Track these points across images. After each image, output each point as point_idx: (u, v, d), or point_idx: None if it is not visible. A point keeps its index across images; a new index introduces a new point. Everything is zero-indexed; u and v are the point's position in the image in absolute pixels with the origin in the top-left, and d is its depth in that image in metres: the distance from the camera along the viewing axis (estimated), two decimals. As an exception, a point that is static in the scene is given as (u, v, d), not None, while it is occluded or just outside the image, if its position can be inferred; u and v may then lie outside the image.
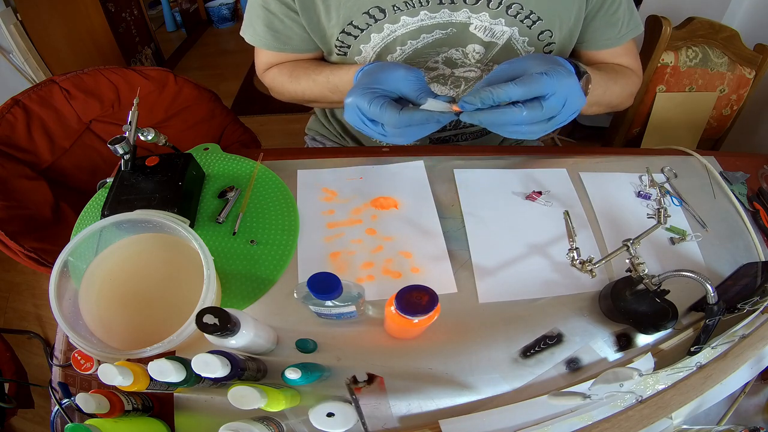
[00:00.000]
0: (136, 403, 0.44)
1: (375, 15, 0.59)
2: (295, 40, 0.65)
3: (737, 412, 0.51)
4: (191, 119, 0.96)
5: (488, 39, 0.62)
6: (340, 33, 0.61)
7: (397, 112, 0.46)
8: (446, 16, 0.59)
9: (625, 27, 0.67)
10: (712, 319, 0.47)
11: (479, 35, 0.62)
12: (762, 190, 0.69)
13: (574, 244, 0.51)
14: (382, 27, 0.60)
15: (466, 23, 0.60)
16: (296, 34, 0.64)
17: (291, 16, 0.62)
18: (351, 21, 0.59)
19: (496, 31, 0.61)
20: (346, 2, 0.58)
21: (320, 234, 0.59)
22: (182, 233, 0.48)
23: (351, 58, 0.64)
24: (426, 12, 0.59)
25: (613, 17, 0.65)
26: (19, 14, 1.44)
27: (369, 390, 0.47)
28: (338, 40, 0.62)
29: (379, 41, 0.61)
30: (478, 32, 0.61)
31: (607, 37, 0.67)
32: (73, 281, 0.48)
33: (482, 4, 0.58)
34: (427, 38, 0.62)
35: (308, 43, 0.65)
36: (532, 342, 0.52)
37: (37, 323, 1.33)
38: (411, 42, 0.62)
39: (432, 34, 0.61)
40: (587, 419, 0.46)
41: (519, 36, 0.62)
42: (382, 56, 0.63)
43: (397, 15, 0.59)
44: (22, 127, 0.76)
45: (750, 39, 1.04)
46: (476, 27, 0.61)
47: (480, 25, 0.60)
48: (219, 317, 0.37)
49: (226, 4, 2.79)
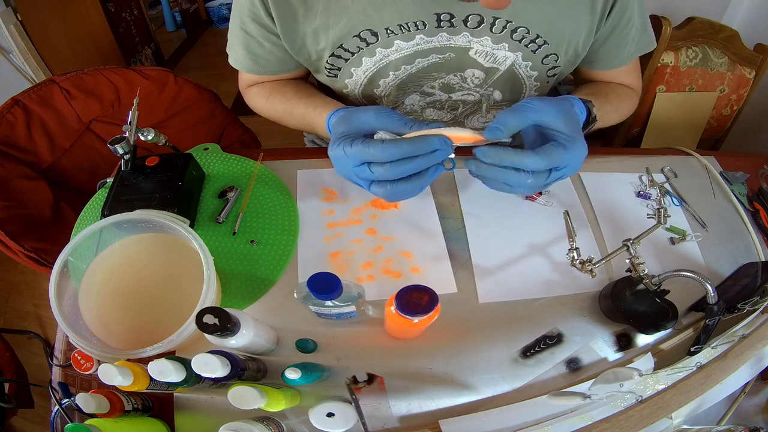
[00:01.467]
0: (136, 403, 0.44)
1: (366, 38, 0.55)
2: (274, 63, 0.63)
3: (737, 412, 0.51)
4: (191, 119, 0.96)
5: (489, 64, 0.59)
6: (329, 56, 0.58)
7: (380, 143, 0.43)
8: (444, 39, 0.56)
9: (633, 46, 0.64)
10: (712, 319, 0.47)
11: (480, 60, 0.58)
12: (762, 190, 0.69)
13: (574, 244, 0.51)
14: (374, 51, 0.56)
15: (466, 48, 0.57)
16: (276, 57, 0.61)
17: (271, 40, 0.59)
18: (341, 44, 0.56)
19: (499, 56, 0.58)
20: (335, 24, 0.54)
21: (320, 234, 0.59)
22: (182, 233, 0.48)
23: (341, 81, 0.62)
24: (422, 36, 0.55)
25: (624, 39, 0.62)
26: (19, 14, 1.44)
27: (369, 390, 0.47)
28: (328, 63, 0.59)
29: (371, 65, 0.58)
30: (479, 57, 0.58)
31: (616, 59, 0.65)
32: (73, 281, 0.48)
33: (485, 28, 0.55)
34: (422, 62, 0.58)
35: (288, 64, 0.63)
36: (532, 342, 0.52)
37: (37, 323, 1.33)
38: (405, 67, 0.59)
39: (428, 58, 0.58)
40: (587, 419, 0.46)
41: (522, 61, 0.59)
42: (375, 80, 0.61)
43: (390, 39, 0.55)
44: (22, 127, 0.76)
45: (750, 39, 1.04)
46: (477, 52, 0.57)
47: (481, 49, 0.57)
48: (219, 317, 0.37)
49: (226, 4, 2.79)
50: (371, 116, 0.46)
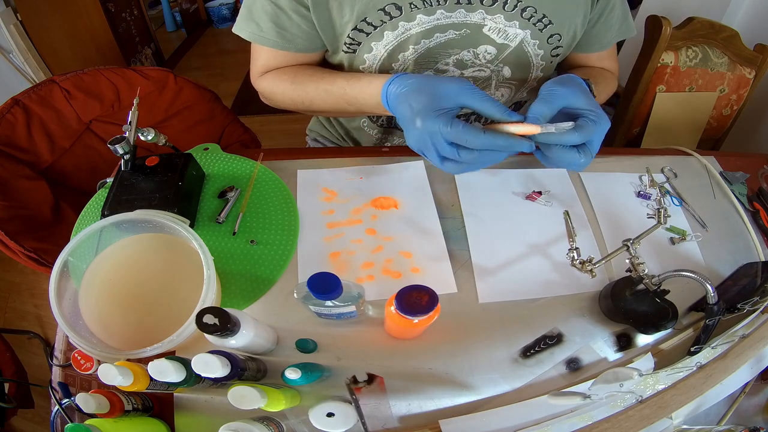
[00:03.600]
0: (136, 403, 0.44)
1: (391, 12, 0.57)
2: (300, 39, 0.62)
3: (737, 412, 0.51)
4: (191, 119, 0.96)
5: (501, 41, 0.62)
6: (352, 30, 0.59)
7: (481, 132, 0.45)
8: (462, 16, 0.59)
9: (616, 31, 0.69)
10: (712, 319, 0.47)
11: (492, 36, 0.62)
12: (762, 190, 0.69)
13: (574, 244, 0.51)
14: (396, 24, 0.59)
15: (481, 24, 0.60)
16: (303, 32, 0.61)
17: (301, 12, 0.59)
18: (365, 17, 0.58)
19: (510, 33, 0.61)
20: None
21: (320, 234, 0.59)
22: (182, 233, 0.48)
23: (359, 56, 0.63)
24: (443, 11, 0.58)
25: (609, 22, 0.66)
26: (19, 14, 1.44)
27: (369, 390, 0.47)
28: (349, 37, 0.60)
29: (392, 39, 0.60)
30: (492, 34, 0.61)
31: (601, 42, 0.69)
32: (73, 281, 0.48)
33: (498, 5, 0.58)
34: (440, 38, 0.61)
35: (314, 42, 0.63)
36: (532, 342, 0.52)
37: (37, 323, 1.33)
38: (425, 41, 0.61)
39: (446, 33, 0.61)
40: (587, 419, 0.46)
41: (530, 39, 0.62)
42: (394, 55, 0.62)
43: (413, 13, 0.58)
44: (22, 127, 0.76)
45: (750, 39, 1.04)
46: (490, 29, 0.61)
47: (494, 26, 0.60)
48: (219, 317, 0.37)
49: (226, 4, 2.79)
50: (454, 89, 0.47)
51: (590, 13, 0.63)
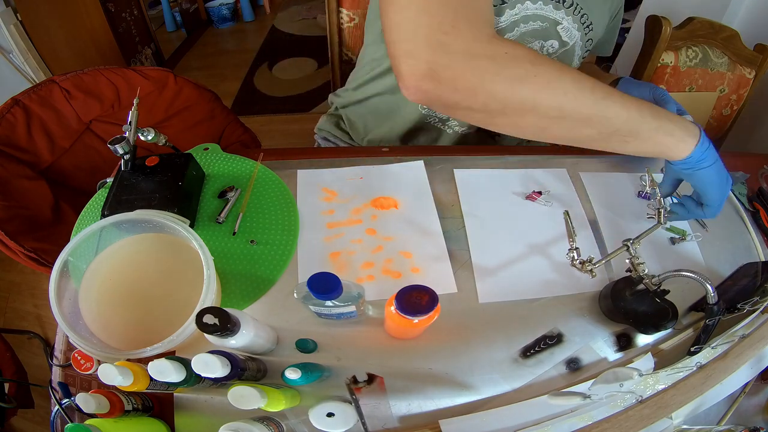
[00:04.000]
0: (136, 403, 0.44)
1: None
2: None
3: (737, 412, 0.51)
4: (191, 119, 0.96)
5: (566, 39, 0.66)
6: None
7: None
8: (550, 11, 0.63)
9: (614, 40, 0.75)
10: (712, 319, 0.47)
11: (561, 34, 0.66)
12: (762, 190, 0.69)
13: (574, 244, 0.51)
14: (514, 5, 0.62)
15: (558, 21, 0.64)
16: None
17: None
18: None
19: (573, 33, 0.66)
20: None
21: (320, 234, 0.59)
22: (182, 233, 0.48)
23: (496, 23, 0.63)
24: (541, 2, 0.62)
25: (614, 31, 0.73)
26: (19, 14, 1.44)
27: (369, 390, 0.47)
28: None
29: (508, 18, 0.62)
30: (562, 31, 0.65)
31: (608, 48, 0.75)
32: (73, 281, 0.48)
33: (569, 8, 0.63)
34: (532, 25, 0.64)
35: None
36: (532, 342, 0.52)
37: (37, 323, 1.33)
38: (522, 25, 0.64)
39: (535, 23, 0.64)
40: (587, 419, 0.46)
41: (580, 42, 0.67)
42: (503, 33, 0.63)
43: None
44: (22, 127, 0.76)
45: (750, 39, 1.04)
46: (563, 27, 0.65)
47: (567, 26, 0.65)
48: (219, 317, 0.37)
49: (226, 4, 2.79)
50: None
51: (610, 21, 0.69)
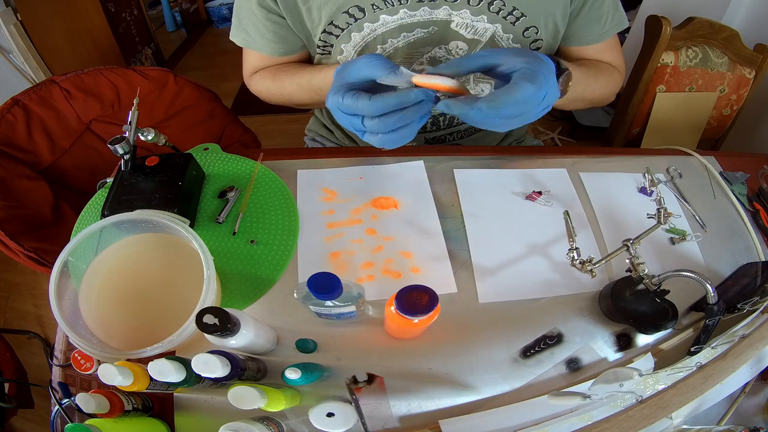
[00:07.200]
0: (136, 403, 0.44)
1: (354, 14, 0.59)
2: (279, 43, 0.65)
3: (737, 412, 0.51)
4: (191, 119, 0.96)
5: (471, 36, 0.62)
6: (321, 33, 0.61)
7: (368, 97, 0.44)
8: (426, 14, 0.59)
9: (609, 22, 0.66)
10: (712, 319, 0.47)
11: (462, 32, 0.61)
12: (762, 190, 0.69)
13: (574, 244, 0.51)
14: (362, 26, 0.60)
15: (447, 20, 0.60)
16: (280, 37, 0.64)
17: (275, 20, 0.62)
18: (332, 21, 0.59)
19: (479, 28, 0.61)
20: (326, 2, 0.58)
21: (320, 234, 0.59)
22: (182, 233, 0.48)
23: (333, 58, 0.65)
24: (405, 10, 0.58)
25: (597, 12, 0.64)
26: (19, 14, 1.44)
27: (369, 390, 0.47)
28: (320, 40, 0.62)
29: (359, 40, 0.62)
30: (461, 29, 0.61)
31: (592, 34, 0.67)
32: (73, 281, 0.48)
33: (462, 1, 0.58)
34: (408, 37, 0.61)
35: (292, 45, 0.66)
36: (532, 342, 0.52)
37: (37, 323, 1.33)
38: (392, 41, 0.62)
39: (413, 33, 0.61)
40: (587, 419, 0.46)
41: (503, 33, 0.62)
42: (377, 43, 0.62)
43: (376, 14, 0.58)
44: (22, 127, 0.76)
45: (750, 39, 1.04)
46: (458, 24, 0.60)
47: (461, 22, 0.60)
48: (219, 317, 0.37)
49: (226, 4, 2.79)
50: (361, 64, 0.47)
51: (570, 6, 0.62)
